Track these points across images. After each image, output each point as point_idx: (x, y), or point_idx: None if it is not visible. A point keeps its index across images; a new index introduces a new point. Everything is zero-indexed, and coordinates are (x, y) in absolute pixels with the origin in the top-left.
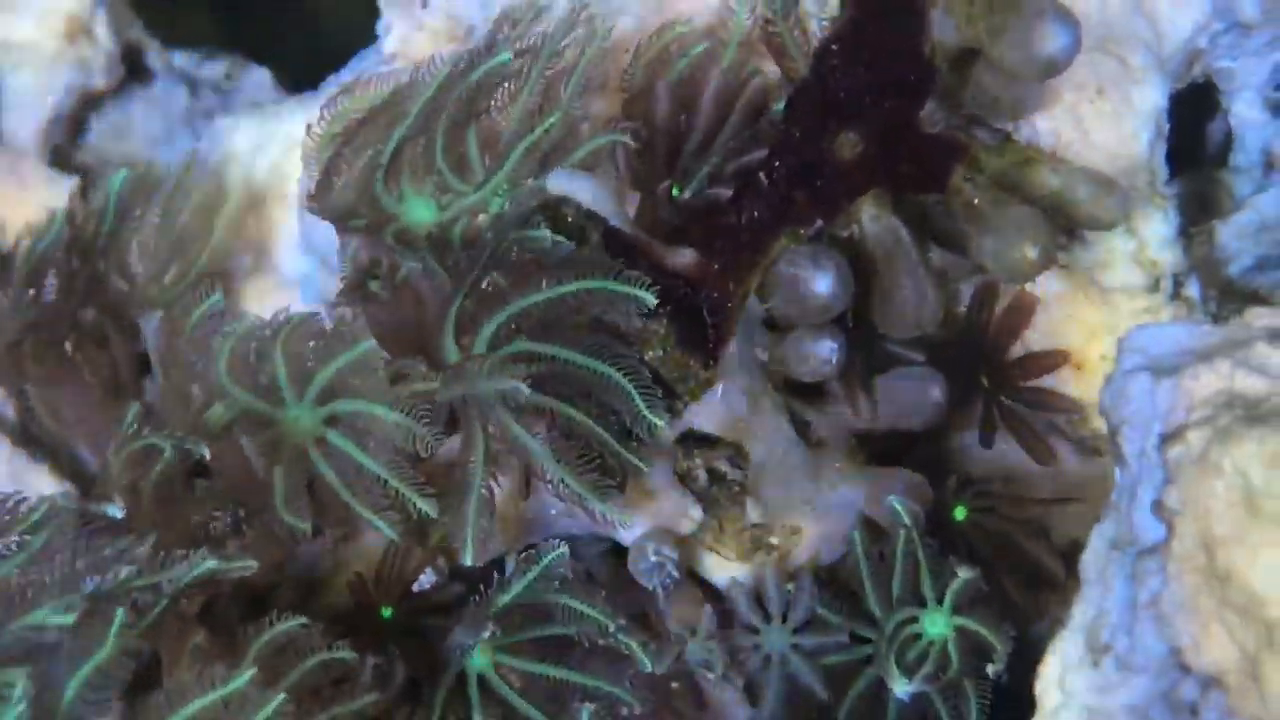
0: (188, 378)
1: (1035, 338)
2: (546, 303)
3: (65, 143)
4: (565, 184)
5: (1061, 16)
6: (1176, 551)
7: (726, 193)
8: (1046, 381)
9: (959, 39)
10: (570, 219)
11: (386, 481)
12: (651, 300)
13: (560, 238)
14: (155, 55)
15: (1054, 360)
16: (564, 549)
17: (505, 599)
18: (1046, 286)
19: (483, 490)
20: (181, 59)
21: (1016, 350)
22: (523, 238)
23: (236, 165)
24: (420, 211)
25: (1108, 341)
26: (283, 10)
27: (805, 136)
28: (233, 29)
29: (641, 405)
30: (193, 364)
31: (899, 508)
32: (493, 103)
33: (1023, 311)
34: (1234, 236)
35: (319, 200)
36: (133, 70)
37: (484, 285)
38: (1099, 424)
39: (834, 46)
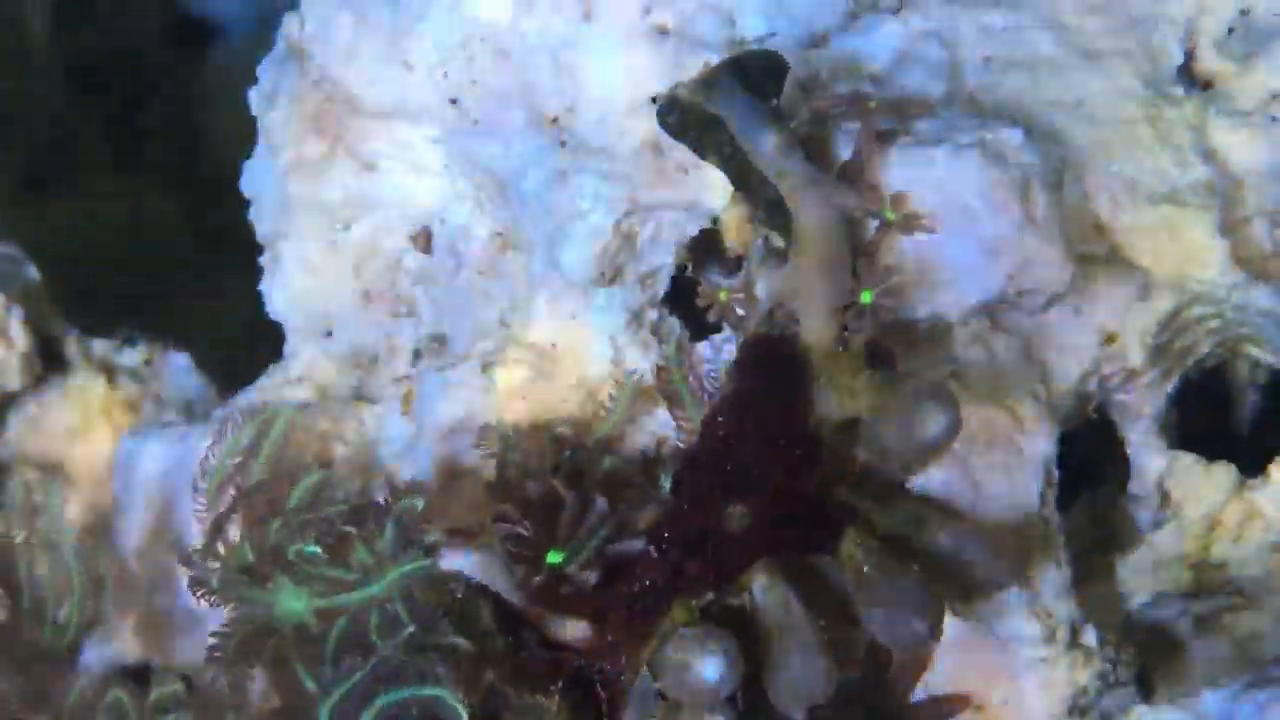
0: None
1: (936, 680)
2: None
3: None
4: (455, 560)
5: (940, 401)
6: None
7: (612, 563)
8: None
9: (841, 412)
10: (460, 595)
11: None
12: None
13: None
14: (73, 345)
15: (954, 705)
16: None
17: None
18: (947, 630)
19: None
20: (100, 346)
21: (917, 693)
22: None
23: (144, 492)
24: (290, 602)
25: (1008, 687)
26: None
27: (694, 508)
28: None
29: None
30: None
31: None
32: None
33: (920, 658)
34: (1131, 573)
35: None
36: (50, 361)
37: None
38: None
39: (719, 419)
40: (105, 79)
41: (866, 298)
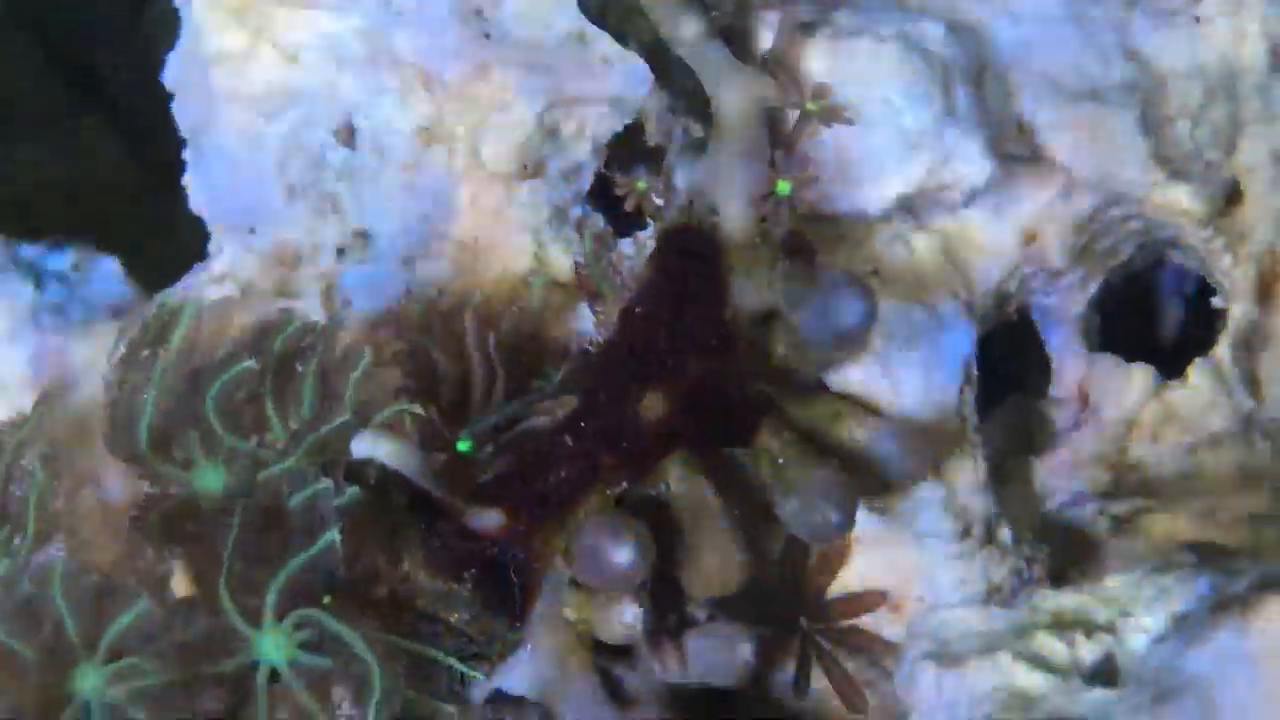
0: None
1: (852, 577)
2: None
3: None
4: (367, 447)
5: (856, 290)
6: None
7: (529, 452)
8: (864, 621)
9: (759, 303)
10: (373, 482)
11: None
12: None
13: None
14: (1, 250)
15: (870, 601)
16: None
17: None
18: (864, 527)
19: None
20: (29, 250)
21: (835, 589)
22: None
23: (74, 391)
24: (209, 479)
25: (923, 583)
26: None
27: (610, 398)
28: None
29: (455, 662)
30: None
31: None
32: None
33: (838, 553)
34: (1048, 473)
35: (115, 449)
36: None
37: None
38: None
39: (636, 308)
40: (55, 19)
41: (784, 188)
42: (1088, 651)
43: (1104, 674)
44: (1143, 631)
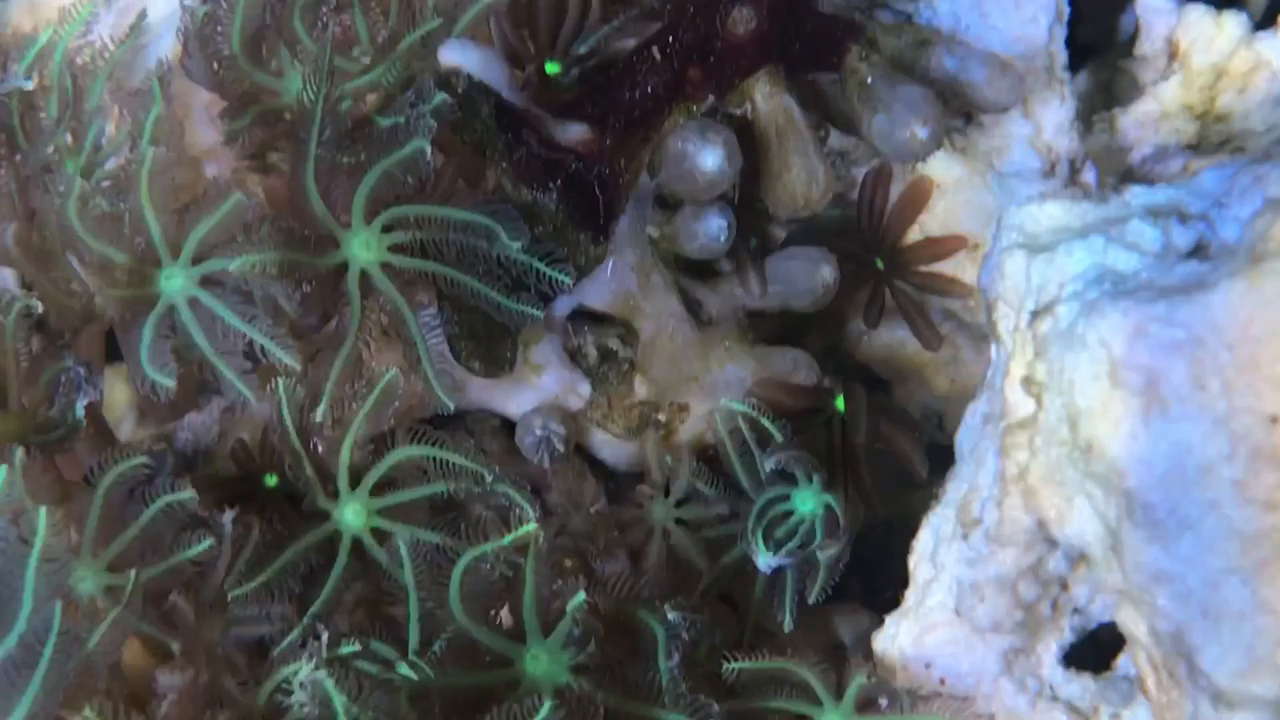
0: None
1: (932, 223)
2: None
3: None
4: (455, 55)
5: None
6: (1043, 424)
7: (616, 67)
8: (943, 266)
9: None
10: (460, 91)
11: (255, 345)
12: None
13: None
14: None
15: (950, 245)
16: None
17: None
18: (945, 171)
19: (350, 353)
20: None
21: (913, 234)
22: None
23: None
24: (297, 84)
25: None
26: None
27: (699, 11)
28: None
29: (542, 265)
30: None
31: (735, 407)
32: None
33: (919, 195)
34: (1134, 125)
35: (192, 67)
36: None
37: (349, 154)
38: None
39: None
40: None
41: None
42: (1180, 235)
43: (1198, 254)
44: (1238, 220)
